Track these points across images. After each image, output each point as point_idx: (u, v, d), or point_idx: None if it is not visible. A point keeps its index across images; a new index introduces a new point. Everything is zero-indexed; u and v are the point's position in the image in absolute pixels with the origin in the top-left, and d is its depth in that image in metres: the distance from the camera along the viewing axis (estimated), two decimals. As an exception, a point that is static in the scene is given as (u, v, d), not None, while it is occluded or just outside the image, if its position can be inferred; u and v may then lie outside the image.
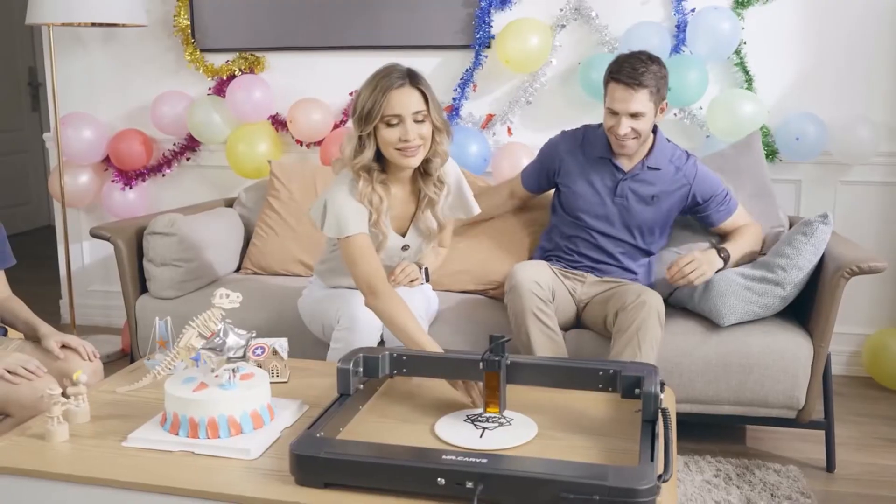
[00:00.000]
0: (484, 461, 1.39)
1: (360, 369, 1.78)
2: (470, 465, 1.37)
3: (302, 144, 3.60)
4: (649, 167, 2.58)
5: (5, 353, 2.08)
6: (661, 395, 1.61)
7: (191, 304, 2.79)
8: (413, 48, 3.44)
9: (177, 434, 1.64)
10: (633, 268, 2.63)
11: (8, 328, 2.30)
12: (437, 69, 3.46)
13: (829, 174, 3.27)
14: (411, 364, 1.82)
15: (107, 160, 3.75)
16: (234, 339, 1.68)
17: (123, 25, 3.53)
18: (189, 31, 3.62)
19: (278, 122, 3.61)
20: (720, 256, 2.53)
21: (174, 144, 3.75)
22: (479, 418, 1.74)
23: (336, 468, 1.42)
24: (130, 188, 3.72)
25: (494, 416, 1.74)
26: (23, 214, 6.30)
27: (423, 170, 2.22)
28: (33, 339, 2.21)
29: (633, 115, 2.45)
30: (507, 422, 1.72)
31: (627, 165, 2.59)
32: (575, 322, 2.61)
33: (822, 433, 2.57)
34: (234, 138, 3.52)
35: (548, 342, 2.38)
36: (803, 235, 2.44)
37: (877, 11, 3.15)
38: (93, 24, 3.54)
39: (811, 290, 2.48)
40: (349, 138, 2.17)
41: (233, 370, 1.67)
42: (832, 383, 2.54)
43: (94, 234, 2.86)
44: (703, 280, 2.46)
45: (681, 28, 3.24)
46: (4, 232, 2.32)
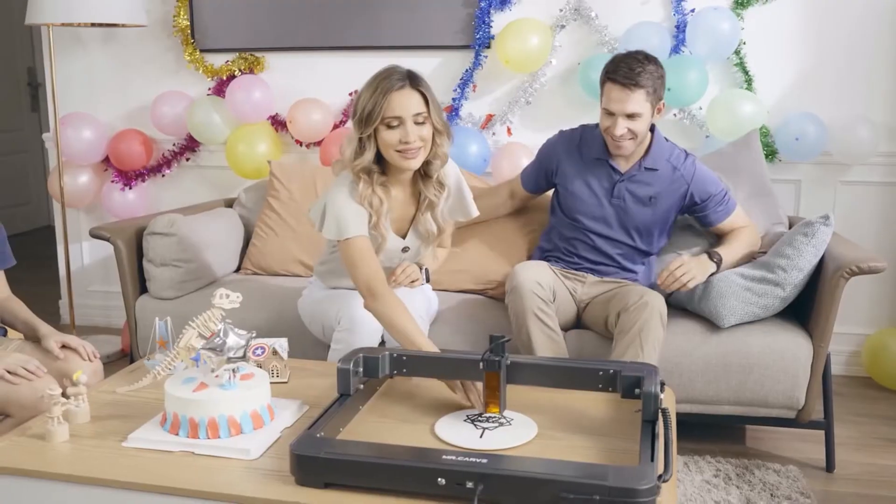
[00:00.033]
0: (484, 461, 1.39)
1: (360, 369, 1.78)
2: (470, 465, 1.37)
3: (302, 145, 3.60)
4: (646, 168, 2.56)
5: (5, 353, 2.08)
6: (661, 395, 1.61)
7: (190, 304, 2.79)
8: (413, 48, 3.44)
9: (177, 434, 1.64)
10: (632, 269, 2.63)
11: (7, 328, 2.30)
12: (437, 69, 3.46)
13: (828, 174, 3.27)
14: (411, 364, 1.82)
15: (106, 160, 3.75)
16: (235, 339, 1.68)
17: (123, 25, 3.53)
18: (189, 31, 3.62)
19: (278, 123, 3.61)
20: (712, 261, 2.50)
21: (174, 145, 3.75)
22: (479, 418, 1.74)
23: (336, 468, 1.42)
24: (130, 188, 3.72)
25: (494, 417, 1.74)
26: (22, 215, 6.30)
27: (424, 172, 2.22)
28: (33, 339, 2.21)
29: (629, 116, 2.43)
30: (507, 422, 1.72)
31: (624, 166, 2.58)
32: (575, 322, 2.61)
33: (821, 433, 2.57)
34: (233, 138, 3.52)
35: (548, 342, 2.38)
36: (804, 236, 2.44)
37: (876, 11, 3.15)
38: (92, 25, 3.54)
39: (811, 291, 2.49)
40: (349, 140, 2.16)
41: (233, 370, 1.67)
42: (832, 383, 2.54)
43: (94, 235, 2.86)
44: (694, 283, 2.44)
45: (680, 28, 3.24)
46: (4, 232, 2.32)
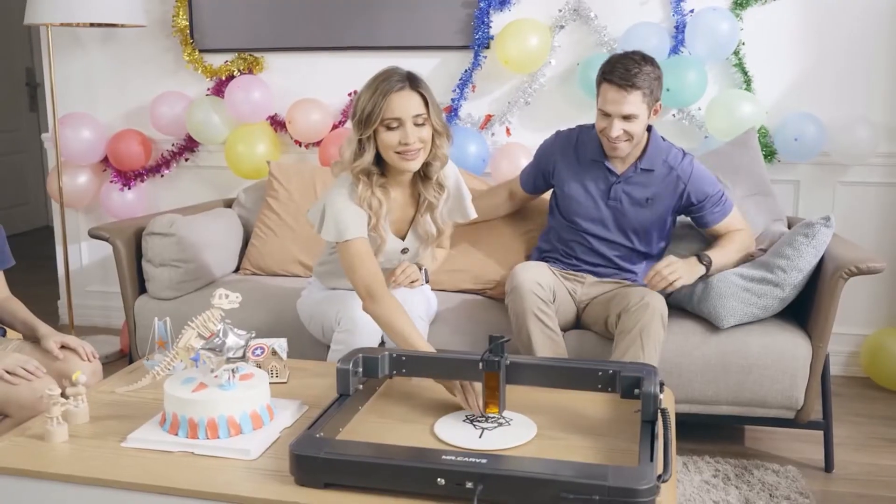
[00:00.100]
0: (484, 461, 1.39)
1: (360, 370, 1.78)
2: (470, 466, 1.37)
3: (301, 145, 3.59)
4: (643, 169, 2.53)
5: (4, 353, 2.08)
6: (661, 396, 1.61)
7: (189, 304, 2.79)
8: (412, 49, 3.44)
9: (176, 434, 1.64)
10: (631, 269, 2.61)
11: (7, 329, 2.30)
12: (436, 70, 3.46)
13: (827, 175, 3.27)
14: (411, 364, 1.82)
15: (105, 160, 3.75)
16: (234, 339, 1.68)
17: (122, 26, 3.53)
18: (188, 31, 3.62)
19: (277, 123, 3.60)
20: (702, 263, 2.47)
21: (173, 145, 3.75)
22: (479, 418, 1.74)
23: (336, 468, 1.43)
24: (129, 189, 3.72)
25: (494, 417, 1.74)
26: (21, 215, 6.30)
27: (423, 173, 2.22)
28: (32, 339, 2.21)
29: (625, 118, 2.40)
30: (507, 422, 1.72)
31: (620, 168, 2.55)
32: (575, 323, 2.61)
33: (820, 433, 2.57)
34: (232, 139, 3.52)
35: (548, 343, 2.38)
36: (805, 237, 2.44)
37: (875, 12, 3.16)
38: (91, 25, 3.55)
39: (810, 291, 2.49)
40: (349, 141, 2.16)
41: (232, 370, 1.67)
42: (831, 384, 2.54)
43: (93, 235, 2.86)
44: (681, 283, 2.39)
45: (679, 29, 3.24)
46: (4, 233, 2.32)
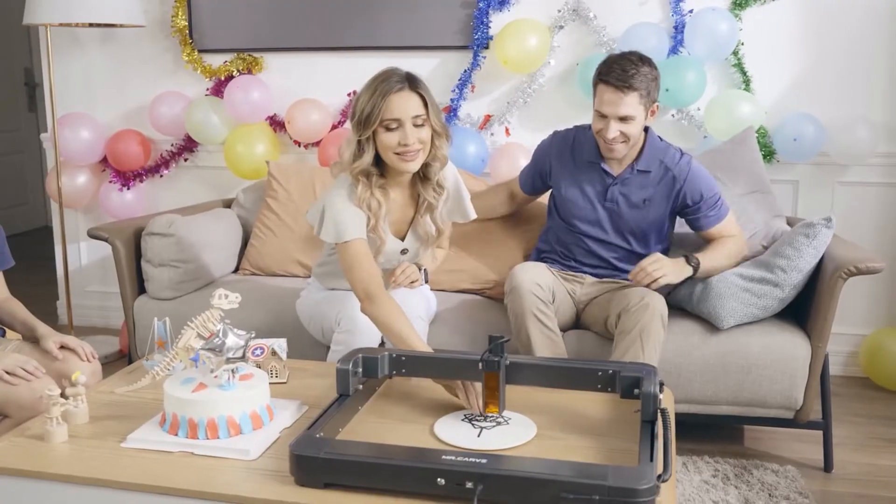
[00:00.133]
0: (484, 461, 1.39)
1: (360, 370, 1.77)
2: (470, 466, 1.37)
3: (300, 145, 3.59)
4: (639, 170, 2.50)
5: (4, 354, 2.08)
6: (660, 396, 1.61)
7: (189, 304, 2.79)
8: (411, 49, 3.45)
9: (176, 435, 1.63)
10: (630, 270, 2.60)
11: (6, 329, 2.30)
12: (436, 70, 3.46)
13: (826, 175, 3.28)
14: (410, 364, 1.82)
15: (104, 161, 3.75)
16: (234, 339, 1.68)
17: (121, 26, 3.53)
18: (187, 31, 3.62)
19: (276, 123, 3.60)
20: (689, 265, 2.45)
21: (172, 145, 3.75)
22: (478, 418, 1.74)
23: (336, 468, 1.42)
24: (128, 189, 3.72)
25: (493, 417, 1.74)
26: (20, 215, 6.30)
27: (423, 174, 2.22)
28: (31, 339, 2.21)
29: (622, 119, 2.38)
30: (505, 421, 1.72)
31: (617, 169, 2.53)
32: (574, 323, 2.61)
33: (819, 433, 2.57)
34: (232, 139, 3.51)
35: (548, 343, 2.38)
36: (805, 237, 2.44)
37: (874, 12, 3.16)
38: (90, 25, 3.54)
39: (809, 291, 2.49)
40: (348, 142, 2.16)
41: (232, 371, 1.67)
42: (830, 383, 2.54)
43: (93, 235, 2.86)
44: (665, 281, 2.37)
45: (679, 29, 3.24)
46: (3, 233, 2.31)
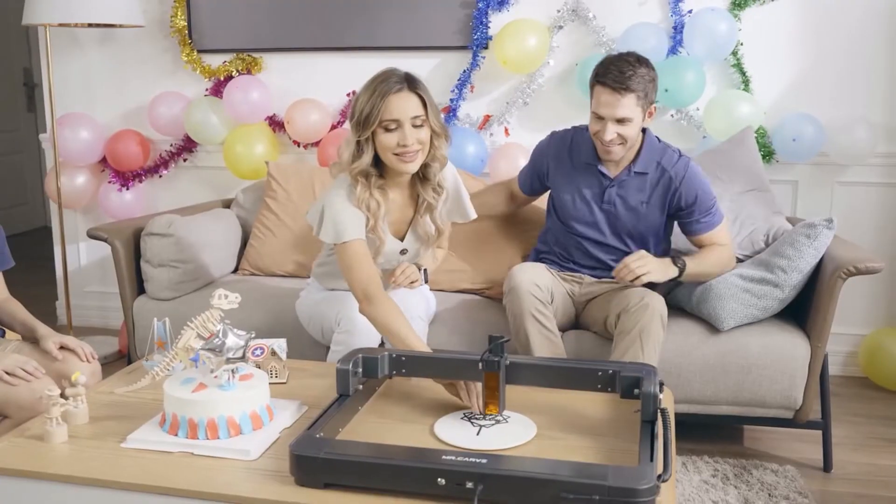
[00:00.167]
0: (484, 461, 1.39)
1: (360, 370, 1.77)
2: (470, 466, 1.37)
3: (299, 145, 3.59)
4: (636, 172, 2.47)
5: (3, 354, 2.08)
6: (660, 396, 1.61)
7: (188, 305, 2.79)
8: (411, 49, 3.45)
9: (176, 435, 1.63)
10: None
11: (6, 330, 2.29)
12: (435, 70, 3.46)
13: (825, 175, 3.28)
14: (410, 365, 1.82)
15: (103, 161, 3.74)
16: (234, 339, 1.68)
17: (120, 26, 3.53)
18: (186, 31, 3.61)
19: (275, 123, 3.60)
20: (675, 265, 2.42)
21: (171, 145, 3.75)
22: (478, 417, 1.74)
23: (336, 468, 1.42)
24: (127, 189, 3.72)
25: (493, 417, 1.74)
26: (19, 215, 6.30)
27: (422, 175, 2.22)
28: (31, 340, 2.20)
29: (619, 121, 2.35)
30: (504, 420, 1.73)
31: (614, 171, 2.50)
32: (574, 323, 2.61)
33: (819, 433, 2.57)
34: (231, 139, 3.51)
35: (546, 343, 2.38)
36: (806, 238, 2.44)
37: (873, 13, 3.16)
38: (89, 25, 3.54)
39: (809, 291, 2.49)
40: (347, 143, 2.16)
41: (232, 371, 1.67)
42: (829, 383, 2.54)
43: (92, 235, 2.86)
44: (649, 279, 2.34)
45: (678, 29, 3.24)
46: (4, 234, 2.31)
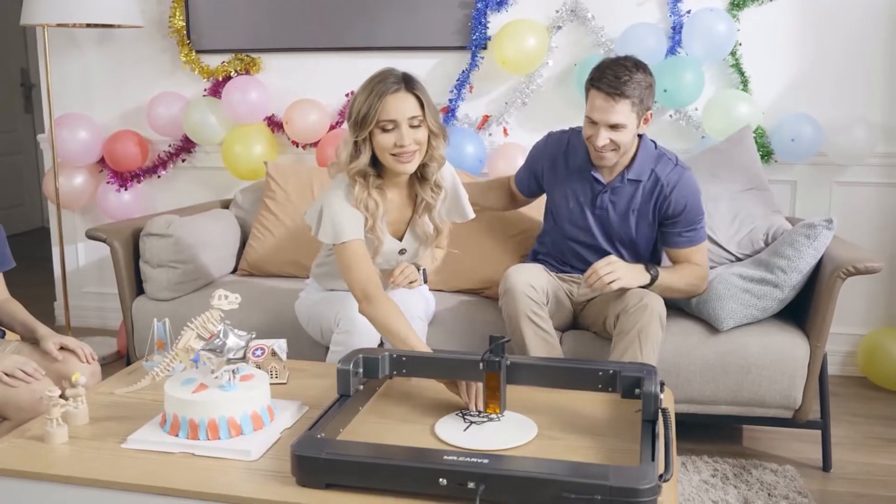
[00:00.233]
0: (485, 461, 1.39)
1: (360, 370, 1.77)
2: (471, 466, 1.37)
3: (298, 145, 3.59)
4: (629, 179, 2.43)
5: (3, 355, 2.07)
6: (661, 395, 1.61)
7: (187, 305, 2.79)
8: (409, 49, 3.45)
9: (177, 435, 1.63)
10: None
11: (6, 330, 2.29)
12: (434, 70, 3.46)
13: (824, 175, 3.28)
14: (411, 365, 1.82)
15: (102, 161, 3.74)
16: (234, 340, 1.68)
17: (119, 26, 3.52)
18: (184, 31, 3.61)
19: (274, 124, 3.60)
20: (648, 272, 2.38)
21: (170, 146, 3.74)
22: (478, 417, 1.74)
23: (337, 469, 1.42)
24: (126, 190, 3.71)
25: (494, 417, 1.74)
26: (17, 216, 6.29)
27: (420, 174, 2.22)
28: (31, 340, 2.20)
29: (612, 127, 2.30)
30: (498, 418, 1.73)
31: (607, 177, 2.46)
32: (572, 323, 2.61)
33: (818, 433, 2.58)
34: (229, 139, 3.51)
35: (542, 344, 2.37)
36: (806, 238, 2.44)
37: (872, 13, 3.17)
38: (88, 25, 3.54)
39: (808, 291, 2.49)
40: (345, 143, 2.16)
41: (232, 371, 1.67)
42: (828, 383, 2.55)
43: (91, 236, 2.85)
44: (619, 286, 2.29)
45: (676, 29, 3.24)
46: (4, 234, 2.31)
